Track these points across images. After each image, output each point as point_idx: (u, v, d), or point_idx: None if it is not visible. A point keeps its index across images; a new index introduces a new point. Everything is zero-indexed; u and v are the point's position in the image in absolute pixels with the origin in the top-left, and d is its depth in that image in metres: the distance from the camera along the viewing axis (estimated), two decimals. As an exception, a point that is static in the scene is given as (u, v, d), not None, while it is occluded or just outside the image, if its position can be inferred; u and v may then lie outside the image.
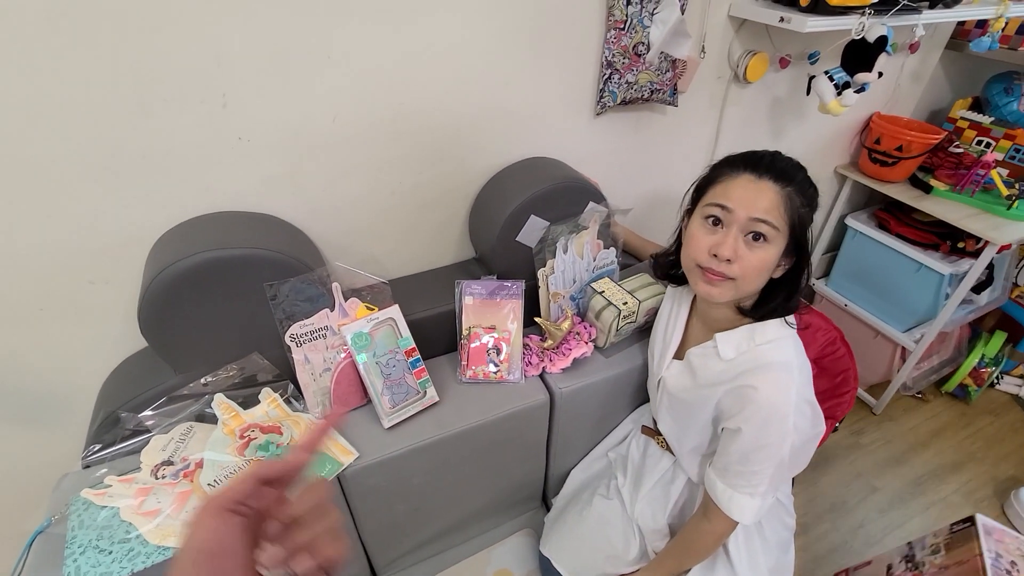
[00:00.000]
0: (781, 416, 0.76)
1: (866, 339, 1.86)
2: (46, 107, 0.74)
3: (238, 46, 0.80)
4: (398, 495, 0.99)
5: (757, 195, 0.74)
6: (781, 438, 0.77)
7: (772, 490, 0.81)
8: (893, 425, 1.89)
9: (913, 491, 1.67)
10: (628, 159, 1.31)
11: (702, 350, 0.88)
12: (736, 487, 0.81)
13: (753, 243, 0.75)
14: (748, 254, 0.75)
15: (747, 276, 0.76)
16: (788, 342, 0.81)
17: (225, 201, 0.91)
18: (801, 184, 0.76)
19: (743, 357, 0.81)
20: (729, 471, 0.81)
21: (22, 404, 0.95)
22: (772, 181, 0.74)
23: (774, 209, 0.74)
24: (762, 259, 0.75)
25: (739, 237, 0.75)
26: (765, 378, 0.77)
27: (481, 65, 1.00)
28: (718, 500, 0.83)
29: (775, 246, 0.75)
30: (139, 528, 0.77)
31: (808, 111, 1.54)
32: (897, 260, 1.72)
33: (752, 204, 0.74)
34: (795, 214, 0.74)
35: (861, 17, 1.10)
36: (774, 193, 0.74)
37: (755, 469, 0.79)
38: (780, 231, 0.74)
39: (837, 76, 1.20)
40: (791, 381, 0.77)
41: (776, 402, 0.76)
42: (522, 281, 1.07)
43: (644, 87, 1.15)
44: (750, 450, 0.78)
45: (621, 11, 1.02)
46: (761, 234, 0.74)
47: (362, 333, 0.93)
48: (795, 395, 0.76)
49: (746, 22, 1.24)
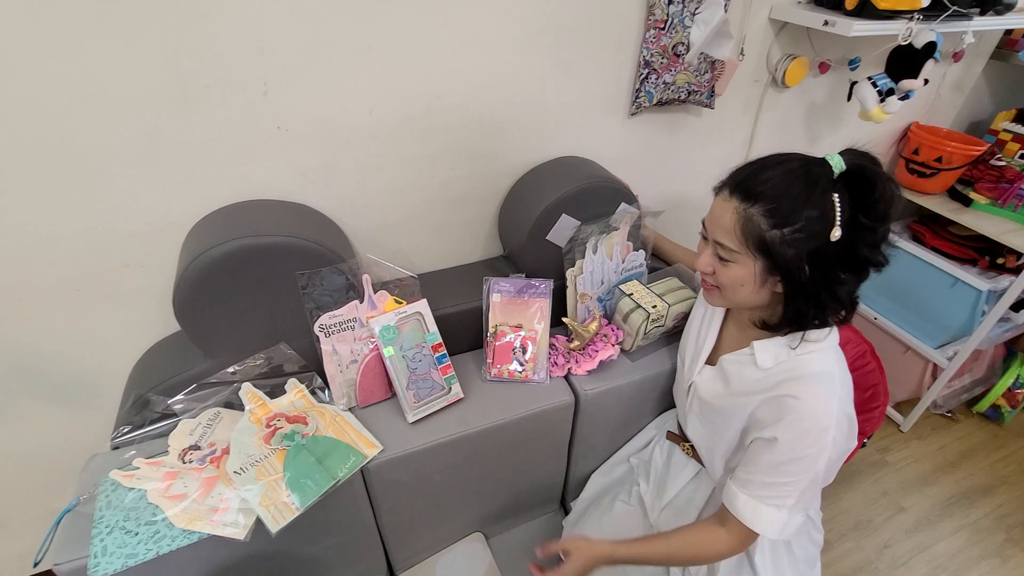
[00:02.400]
0: (821, 428, 0.73)
1: (895, 354, 1.81)
2: (92, 91, 0.74)
3: (281, 35, 0.80)
4: (419, 490, 0.98)
5: (721, 215, 0.73)
6: (819, 451, 0.74)
7: (802, 506, 0.77)
8: (921, 444, 1.83)
9: (941, 513, 1.61)
10: (660, 161, 1.29)
11: (737, 357, 0.86)
12: (762, 499, 0.77)
13: (720, 260, 0.75)
14: (720, 269, 0.76)
15: (725, 288, 0.77)
16: (830, 353, 0.78)
17: (260, 190, 0.92)
18: (776, 200, 0.68)
19: (782, 366, 0.79)
20: (754, 482, 0.78)
21: (55, 383, 0.96)
22: (738, 200, 0.71)
23: (730, 232, 0.71)
24: (731, 276, 0.75)
25: (713, 254, 0.77)
26: (807, 388, 0.74)
27: (518, 61, 0.99)
28: (739, 513, 0.79)
29: (742, 266, 0.73)
30: (165, 511, 0.77)
31: (845, 118, 1.51)
32: (931, 274, 1.67)
33: (715, 224, 0.74)
34: (758, 236, 0.69)
35: (909, 22, 1.07)
36: (732, 214, 0.71)
37: (786, 481, 0.75)
38: (741, 252, 0.72)
39: (881, 82, 1.17)
40: (833, 392, 0.74)
41: (817, 412, 0.73)
42: (550, 280, 1.06)
43: (681, 88, 1.13)
44: (784, 461, 0.75)
45: (662, 10, 1.01)
46: (722, 256, 0.74)
47: (390, 326, 0.93)
48: (837, 407, 0.74)
49: (787, 25, 1.22)
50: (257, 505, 0.78)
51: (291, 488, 0.81)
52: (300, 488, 0.81)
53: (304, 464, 0.84)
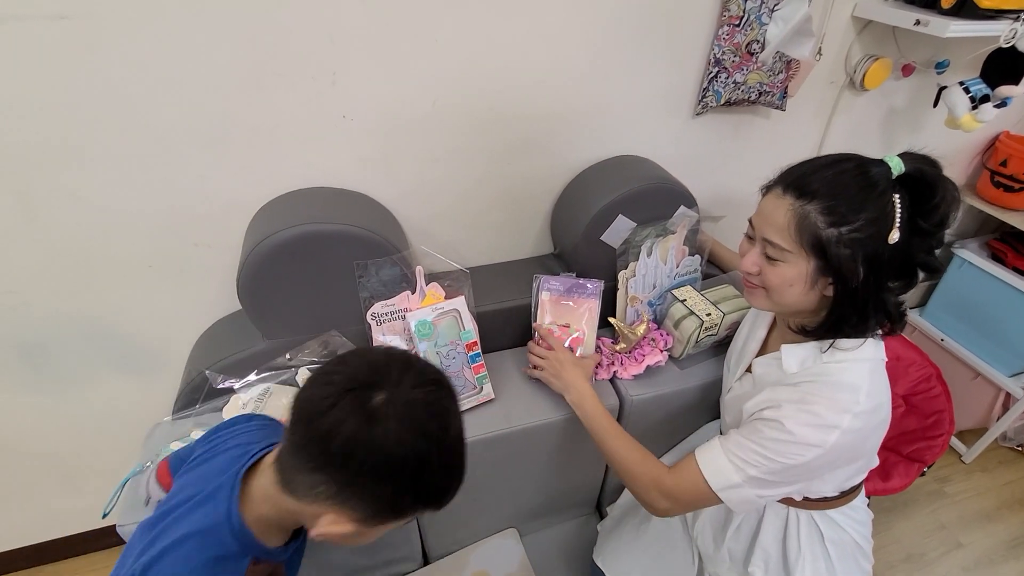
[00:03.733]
0: (825, 430, 0.68)
1: (963, 380, 1.69)
2: (173, 76, 0.77)
3: (352, 25, 0.81)
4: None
5: (773, 213, 0.69)
6: (811, 446, 0.69)
7: (759, 487, 0.72)
8: (985, 477, 1.71)
9: (1005, 554, 1.50)
10: (722, 164, 1.24)
11: (766, 360, 0.82)
12: (728, 451, 0.74)
13: (769, 260, 0.71)
14: (768, 269, 0.71)
15: (772, 289, 0.72)
16: (862, 366, 0.72)
17: (323, 177, 0.94)
18: (836, 198, 0.65)
19: (807, 372, 0.75)
20: (732, 437, 0.74)
21: (125, 353, 1.02)
22: (793, 197, 0.67)
23: (783, 230, 0.67)
24: (780, 276, 0.70)
25: (760, 253, 0.72)
26: (825, 392, 0.70)
27: (583, 57, 0.97)
28: (699, 452, 0.76)
29: (793, 266, 0.69)
30: None
31: (927, 125, 1.41)
32: (1011, 296, 1.55)
33: (765, 222, 0.70)
34: (813, 235, 0.66)
35: (1015, 23, 0.98)
36: (787, 211, 0.67)
37: (762, 452, 0.71)
38: (793, 252, 0.68)
39: (974, 88, 1.08)
40: (851, 406, 0.69)
41: (828, 421, 0.69)
42: (602, 281, 1.04)
43: (752, 88, 1.08)
44: (771, 437, 0.71)
45: (738, 6, 0.96)
46: (770, 256, 0.70)
47: (426, 322, 0.92)
48: (850, 421, 0.68)
49: (871, 23, 1.14)
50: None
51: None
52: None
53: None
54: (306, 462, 0.49)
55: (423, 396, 0.50)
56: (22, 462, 1.12)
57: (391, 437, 0.46)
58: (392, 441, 0.47)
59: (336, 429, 0.46)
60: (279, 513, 0.53)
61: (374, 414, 0.47)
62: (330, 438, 0.46)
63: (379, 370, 0.50)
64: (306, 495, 0.50)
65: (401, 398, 0.48)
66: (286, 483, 0.51)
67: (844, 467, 0.78)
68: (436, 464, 0.50)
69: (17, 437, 1.07)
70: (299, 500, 0.51)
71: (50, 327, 0.95)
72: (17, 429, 1.06)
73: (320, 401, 0.48)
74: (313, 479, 0.49)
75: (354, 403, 0.47)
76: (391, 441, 0.47)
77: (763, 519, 0.90)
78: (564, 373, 0.94)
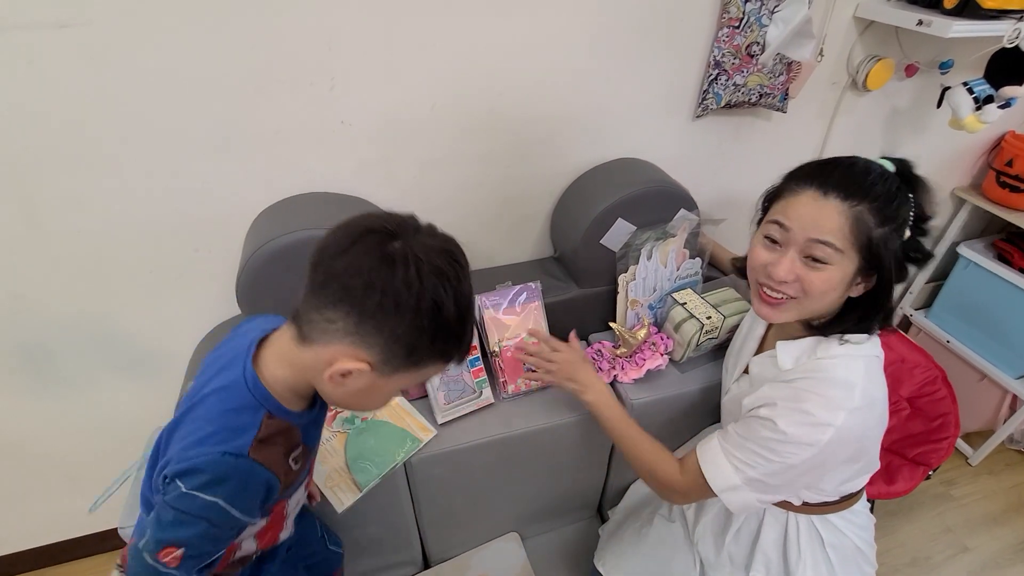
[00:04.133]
0: (819, 428, 0.68)
1: (969, 382, 1.68)
2: (175, 83, 0.78)
3: (349, 32, 0.81)
4: (458, 487, 0.99)
5: (818, 214, 0.67)
6: (806, 446, 0.69)
7: (760, 489, 0.73)
8: (992, 480, 1.69)
9: (1012, 558, 1.49)
10: (723, 166, 1.24)
11: (763, 358, 0.82)
12: (728, 453, 0.74)
13: (813, 264, 0.68)
14: (811, 275, 0.69)
15: (812, 295, 0.69)
16: (857, 362, 0.72)
17: (322, 182, 0.94)
18: (880, 199, 0.66)
19: (800, 368, 0.74)
20: (731, 437, 0.75)
21: (127, 357, 1.03)
22: (839, 199, 0.66)
23: (837, 231, 0.66)
24: (825, 280, 0.68)
25: (796, 258, 0.69)
26: (819, 389, 0.70)
27: (582, 60, 0.97)
28: (701, 453, 0.77)
29: (840, 268, 0.67)
30: None
31: (930, 125, 1.39)
32: (1017, 298, 1.53)
33: (812, 224, 0.67)
34: (866, 235, 0.66)
35: (1018, 22, 0.97)
36: (838, 213, 0.66)
37: (760, 453, 0.71)
38: (845, 253, 0.67)
39: (978, 89, 1.07)
40: (846, 403, 0.69)
41: (821, 415, 0.68)
42: (537, 282, 1.01)
43: (753, 90, 1.07)
44: (769, 438, 0.70)
45: (738, 8, 0.96)
46: (821, 258, 0.67)
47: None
48: (844, 418, 0.68)
49: (873, 24, 1.13)
50: (324, 486, 0.81)
51: (353, 470, 0.84)
52: (361, 470, 0.84)
53: (364, 447, 0.87)
54: (325, 300, 0.50)
55: (440, 245, 0.52)
56: (25, 465, 1.13)
57: (411, 272, 0.48)
58: (412, 276, 0.48)
59: (357, 263, 0.48)
60: (294, 373, 0.55)
61: (393, 254, 0.48)
62: (351, 273, 0.48)
63: (397, 222, 0.52)
64: (322, 336, 0.51)
65: (419, 244, 0.50)
66: (302, 334, 0.53)
67: (844, 467, 0.77)
68: (451, 308, 0.51)
69: (20, 440, 1.08)
70: (315, 346, 0.52)
71: (53, 331, 0.96)
72: (20, 432, 1.07)
73: (341, 241, 0.50)
74: (332, 315, 0.50)
75: (374, 244, 0.49)
76: (411, 276, 0.48)
77: (763, 524, 0.90)
78: (579, 374, 0.89)
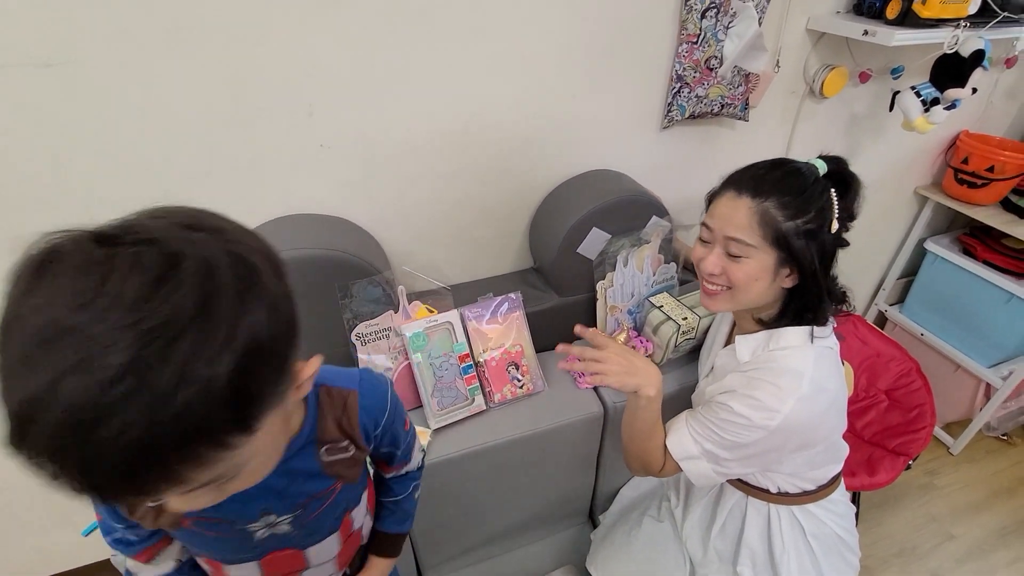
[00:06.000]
0: (768, 413, 0.74)
1: (945, 373, 1.73)
2: (156, 115, 0.81)
3: (326, 60, 0.85)
4: (449, 497, 1.00)
5: (732, 213, 0.75)
6: (756, 429, 0.75)
7: (714, 460, 0.80)
8: (973, 468, 1.73)
9: (996, 543, 1.52)
10: (692, 174, 1.29)
11: (726, 352, 0.89)
12: (690, 424, 0.83)
13: (733, 257, 0.76)
14: (732, 267, 0.77)
15: (737, 285, 0.77)
16: (807, 352, 0.77)
17: (303, 204, 0.97)
18: (789, 194, 0.73)
19: (756, 360, 0.81)
20: (697, 414, 0.83)
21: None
22: (749, 197, 0.74)
23: (746, 227, 0.74)
24: (745, 272, 0.76)
25: (721, 253, 0.78)
26: (769, 377, 0.76)
27: (551, 79, 1.02)
28: (668, 426, 0.86)
29: (756, 260, 0.75)
30: None
31: (888, 128, 1.46)
32: (984, 289, 1.59)
33: (726, 223, 0.76)
34: (774, 228, 0.73)
35: (955, 30, 1.04)
36: (747, 209, 0.74)
37: (715, 427, 0.79)
38: (757, 247, 0.74)
39: (925, 92, 1.13)
40: (794, 391, 0.74)
41: (770, 404, 0.74)
42: (518, 292, 1.05)
43: (714, 101, 1.12)
44: (724, 418, 0.78)
45: (695, 24, 1.01)
46: (736, 253, 0.76)
47: (420, 333, 0.96)
48: (794, 407, 0.73)
49: (825, 35, 1.20)
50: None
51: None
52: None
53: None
54: None
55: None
56: (16, 497, 1.12)
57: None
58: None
59: None
60: None
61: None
62: None
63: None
64: None
65: None
66: None
67: (800, 452, 0.82)
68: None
69: (9, 471, 1.08)
70: None
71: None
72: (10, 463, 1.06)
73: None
74: None
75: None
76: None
77: (746, 517, 0.92)
78: (639, 367, 0.83)
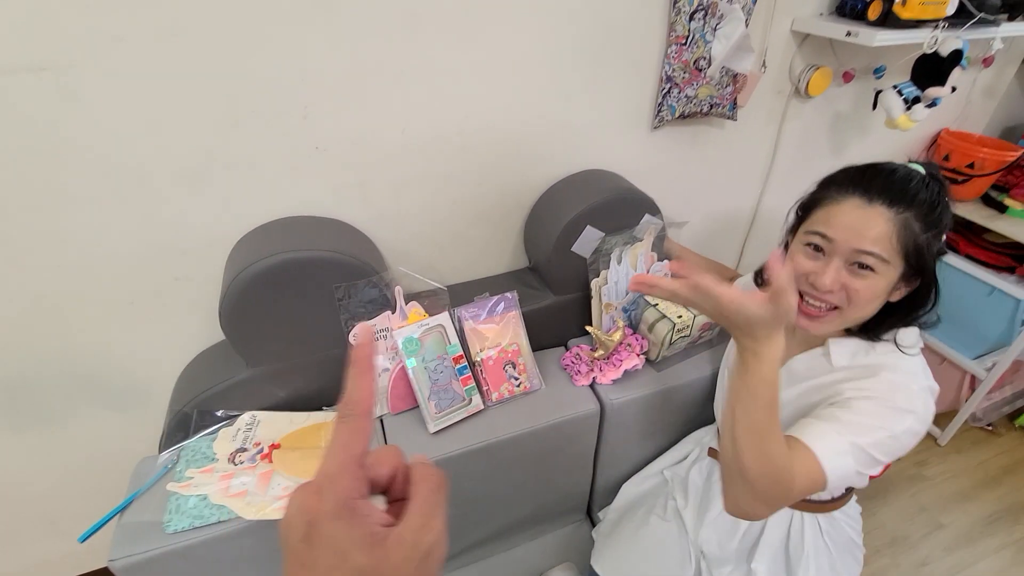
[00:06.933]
0: (907, 395, 0.67)
1: (931, 365, 1.72)
2: (152, 117, 0.80)
3: (321, 63, 0.85)
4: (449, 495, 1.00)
5: (864, 223, 0.65)
6: (903, 412, 0.66)
7: (855, 453, 0.64)
8: (960, 458, 1.77)
9: (983, 531, 1.56)
10: (684, 172, 1.31)
11: (810, 356, 0.79)
12: (824, 418, 0.67)
13: (859, 271, 0.68)
14: (856, 283, 0.68)
15: (856, 303, 0.68)
16: (915, 359, 0.73)
17: (300, 207, 0.97)
18: (924, 205, 0.65)
19: (858, 364, 0.73)
20: (824, 413, 0.68)
21: (108, 389, 1.03)
22: (885, 205, 0.65)
23: (883, 239, 0.65)
24: (872, 288, 0.67)
25: (842, 268, 0.68)
26: (887, 372, 0.69)
27: (543, 81, 1.03)
28: (803, 431, 0.66)
29: (884, 276, 0.67)
30: (232, 508, 0.82)
31: (872, 126, 1.50)
32: (966, 283, 1.63)
33: (857, 234, 0.66)
34: (911, 242, 0.65)
35: (934, 31, 1.07)
36: (885, 220, 0.64)
37: (858, 417, 0.65)
38: (890, 261, 0.66)
39: (906, 91, 1.16)
40: (917, 377, 0.70)
41: (902, 384, 0.68)
42: (514, 291, 1.06)
43: (703, 101, 1.15)
44: (864, 407, 0.66)
45: (683, 26, 1.03)
46: (867, 266, 0.67)
47: (412, 338, 0.96)
48: (919, 388, 0.68)
49: (809, 36, 1.23)
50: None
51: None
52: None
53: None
54: None
55: None
56: (5, 507, 1.10)
57: None
58: None
59: None
60: None
61: None
62: None
63: None
64: None
65: None
66: None
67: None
68: None
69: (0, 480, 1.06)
70: None
71: (32, 367, 0.95)
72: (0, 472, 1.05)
73: None
74: None
75: None
76: None
77: (767, 522, 0.91)
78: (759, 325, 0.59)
